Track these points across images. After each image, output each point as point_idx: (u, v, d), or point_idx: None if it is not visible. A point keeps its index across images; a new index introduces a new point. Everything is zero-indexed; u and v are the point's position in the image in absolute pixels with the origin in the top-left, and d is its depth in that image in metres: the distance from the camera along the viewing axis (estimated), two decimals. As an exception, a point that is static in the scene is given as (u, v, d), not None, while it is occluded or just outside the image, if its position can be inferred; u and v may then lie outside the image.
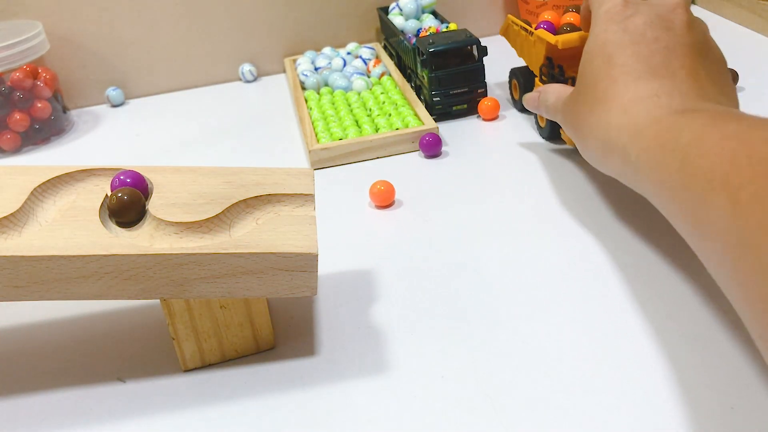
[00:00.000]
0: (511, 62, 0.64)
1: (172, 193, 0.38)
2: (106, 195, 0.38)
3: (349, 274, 0.44)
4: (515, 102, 0.65)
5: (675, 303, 0.38)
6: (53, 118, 0.72)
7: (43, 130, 0.71)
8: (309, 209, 0.38)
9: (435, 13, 0.76)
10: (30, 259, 0.33)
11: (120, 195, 0.36)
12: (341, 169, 0.58)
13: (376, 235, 0.48)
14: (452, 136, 0.61)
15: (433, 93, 0.63)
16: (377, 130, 0.61)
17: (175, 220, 0.36)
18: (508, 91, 0.66)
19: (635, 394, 0.33)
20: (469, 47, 0.63)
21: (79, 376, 0.38)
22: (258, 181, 0.39)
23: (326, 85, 0.72)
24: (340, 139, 0.60)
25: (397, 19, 0.75)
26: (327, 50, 0.78)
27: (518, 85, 0.63)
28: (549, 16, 0.58)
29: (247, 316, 0.37)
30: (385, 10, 0.79)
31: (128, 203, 0.36)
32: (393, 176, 0.56)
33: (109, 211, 0.36)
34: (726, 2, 0.79)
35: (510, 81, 0.65)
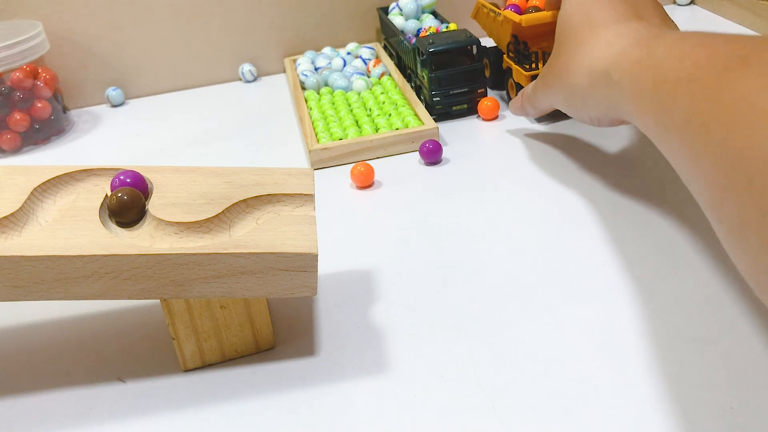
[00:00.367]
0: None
1: (172, 193, 0.38)
2: (106, 195, 0.38)
3: (349, 274, 0.44)
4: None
5: (675, 303, 0.38)
6: (53, 118, 0.72)
7: (43, 130, 0.71)
8: (309, 209, 0.38)
9: (435, 13, 0.76)
10: (30, 259, 0.33)
11: (120, 195, 0.36)
12: (341, 169, 0.58)
13: (376, 235, 0.48)
14: (452, 136, 0.61)
15: (433, 93, 0.63)
16: (377, 130, 0.61)
17: (175, 220, 0.36)
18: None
19: (635, 394, 0.33)
20: (469, 47, 0.63)
21: (79, 376, 0.38)
22: (258, 181, 0.39)
23: (326, 85, 0.72)
24: (340, 139, 0.60)
25: (397, 19, 0.75)
26: (327, 50, 0.78)
27: (488, 64, 0.68)
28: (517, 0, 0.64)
29: (247, 316, 0.37)
30: (385, 10, 0.79)
31: (128, 203, 0.36)
32: (393, 176, 0.56)
33: (109, 211, 0.36)
34: (726, 2, 0.79)
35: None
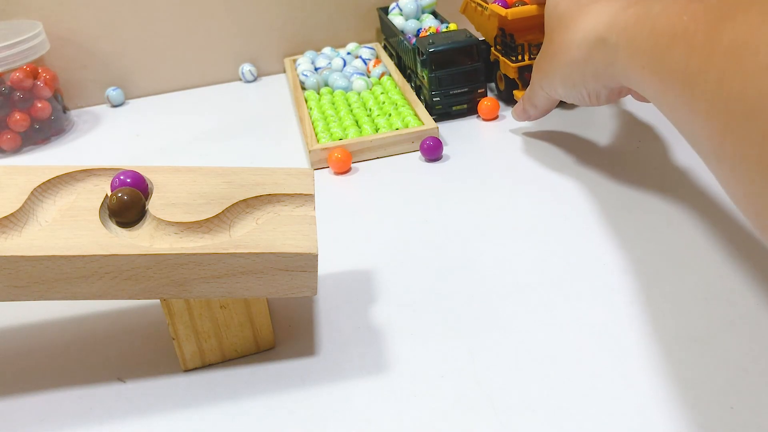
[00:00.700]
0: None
1: (172, 193, 0.38)
2: (106, 195, 0.38)
3: (349, 274, 0.44)
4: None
5: (675, 303, 0.38)
6: (53, 118, 0.72)
7: (43, 130, 0.71)
8: (309, 209, 0.38)
9: (435, 13, 0.76)
10: (30, 259, 0.33)
11: (120, 195, 0.36)
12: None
13: (376, 235, 0.48)
14: (452, 136, 0.61)
15: (433, 93, 0.63)
16: (377, 130, 0.61)
17: (175, 220, 0.36)
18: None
19: (635, 394, 0.33)
20: (469, 47, 0.63)
21: (79, 376, 0.38)
22: (258, 181, 0.39)
23: (326, 85, 0.72)
24: (340, 139, 0.60)
25: (397, 19, 0.75)
26: (327, 50, 0.78)
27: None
28: None
29: (247, 316, 0.37)
30: (385, 10, 0.79)
31: (128, 203, 0.36)
32: (393, 176, 0.56)
33: (109, 211, 0.36)
34: (726, 2, 0.79)
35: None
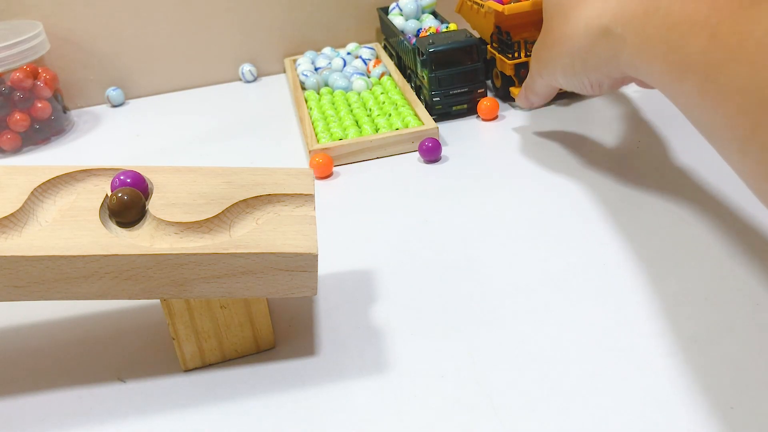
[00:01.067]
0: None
1: (172, 193, 0.38)
2: (106, 195, 0.38)
3: (349, 274, 0.44)
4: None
5: (675, 303, 0.38)
6: (53, 118, 0.72)
7: (43, 130, 0.71)
8: (309, 209, 0.38)
9: (435, 13, 0.76)
10: (30, 259, 0.33)
11: (120, 195, 0.36)
12: (341, 169, 0.58)
13: (376, 235, 0.48)
14: (452, 136, 0.61)
15: (433, 93, 0.63)
16: (377, 130, 0.61)
17: (175, 220, 0.36)
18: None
19: (635, 394, 0.33)
20: (468, 47, 0.63)
21: (79, 376, 0.38)
22: (258, 181, 0.39)
23: (326, 85, 0.72)
24: (340, 139, 0.60)
25: (397, 19, 0.75)
26: (327, 50, 0.78)
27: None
28: None
29: (247, 316, 0.37)
30: (385, 10, 0.79)
31: (128, 203, 0.36)
32: (392, 176, 0.56)
33: (109, 211, 0.36)
34: (726, 2, 0.79)
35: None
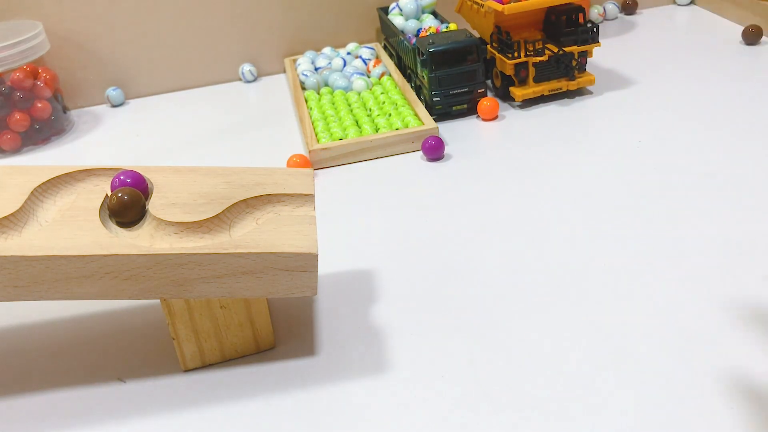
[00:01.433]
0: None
1: (172, 193, 0.38)
2: (106, 195, 0.38)
3: (349, 274, 0.44)
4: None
5: (674, 303, 0.38)
6: (53, 118, 0.72)
7: (43, 130, 0.71)
8: (309, 209, 0.38)
9: (435, 13, 0.76)
10: (30, 259, 0.33)
11: (120, 195, 0.36)
12: (341, 169, 0.58)
13: (376, 235, 0.48)
14: (452, 136, 0.61)
15: (433, 93, 0.63)
16: (377, 130, 0.61)
17: (175, 220, 0.36)
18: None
19: (634, 394, 0.33)
20: (469, 47, 0.63)
21: (79, 376, 0.38)
22: (258, 181, 0.39)
23: (326, 85, 0.72)
24: (340, 139, 0.60)
25: (397, 19, 0.75)
26: (327, 50, 0.78)
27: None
28: None
29: (247, 316, 0.37)
30: (385, 10, 0.79)
31: (128, 203, 0.36)
32: (393, 176, 0.56)
33: (109, 211, 0.36)
34: (726, 2, 0.79)
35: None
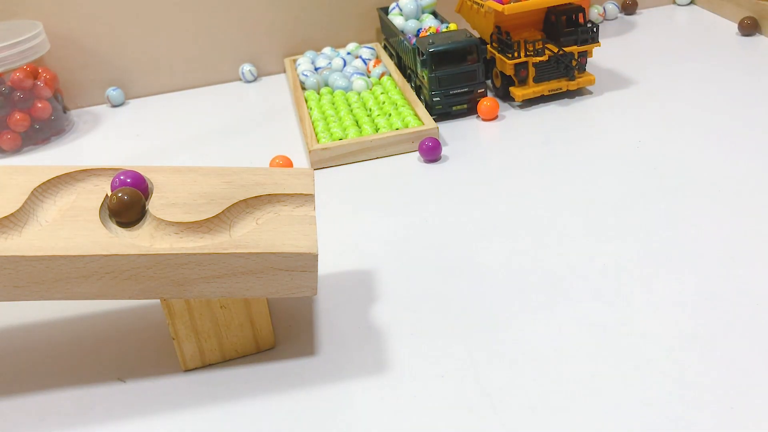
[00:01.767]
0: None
1: (172, 193, 0.38)
2: (106, 195, 0.38)
3: (349, 274, 0.44)
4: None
5: (674, 303, 0.38)
6: (53, 118, 0.72)
7: (43, 130, 0.71)
8: (309, 209, 0.38)
9: (435, 13, 0.76)
10: (30, 259, 0.33)
11: (120, 195, 0.36)
12: (341, 169, 0.58)
13: (376, 235, 0.48)
14: (452, 136, 0.61)
15: (433, 93, 0.63)
16: (377, 130, 0.61)
17: (175, 220, 0.36)
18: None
19: (634, 394, 0.33)
20: (469, 47, 0.63)
21: (79, 376, 0.38)
22: (258, 181, 0.39)
23: (326, 85, 0.72)
24: (340, 139, 0.60)
25: (397, 19, 0.75)
26: (327, 50, 0.78)
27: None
28: None
29: (247, 316, 0.37)
30: (385, 10, 0.79)
31: (128, 203, 0.36)
32: (392, 176, 0.56)
33: (110, 211, 0.36)
34: (726, 2, 0.79)
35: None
